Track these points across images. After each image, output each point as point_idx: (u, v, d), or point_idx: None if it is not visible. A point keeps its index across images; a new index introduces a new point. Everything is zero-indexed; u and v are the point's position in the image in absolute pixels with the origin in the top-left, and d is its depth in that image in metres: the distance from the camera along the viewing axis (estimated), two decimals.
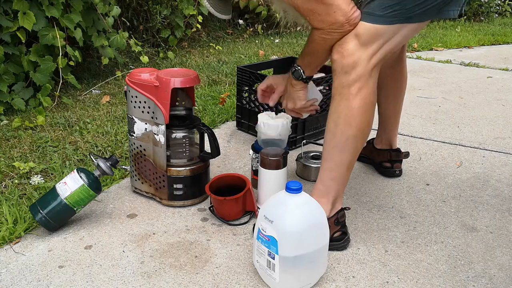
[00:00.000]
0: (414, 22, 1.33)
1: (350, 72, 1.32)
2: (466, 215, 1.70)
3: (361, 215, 1.67)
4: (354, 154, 1.41)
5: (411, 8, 1.29)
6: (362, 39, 1.31)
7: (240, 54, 3.95)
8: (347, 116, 1.35)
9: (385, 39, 1.33)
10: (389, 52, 1.37)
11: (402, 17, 1.31)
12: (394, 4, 1.28)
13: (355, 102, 1.34)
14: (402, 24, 1.32)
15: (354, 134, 1.37)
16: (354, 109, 1.35)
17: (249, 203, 1.63)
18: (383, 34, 1.32)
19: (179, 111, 1.75)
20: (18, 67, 2.45)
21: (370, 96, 1.36)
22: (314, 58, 1.44)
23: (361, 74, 1.33)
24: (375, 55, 1.33)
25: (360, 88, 1.34)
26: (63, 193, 1.50)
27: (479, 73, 3.74)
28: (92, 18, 2.78)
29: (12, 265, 1.38)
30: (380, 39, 1.32)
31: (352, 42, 1.32)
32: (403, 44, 1.60)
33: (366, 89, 1.35)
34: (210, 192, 1.59)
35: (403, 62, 1.82)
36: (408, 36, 1.39)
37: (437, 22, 6.09)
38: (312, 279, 1.31)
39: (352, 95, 1.34)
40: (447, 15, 1.35)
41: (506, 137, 2.42)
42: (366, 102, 1.35)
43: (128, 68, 3.38)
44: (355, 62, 1.32)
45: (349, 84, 1.33)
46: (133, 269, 1.37)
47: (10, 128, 2.28)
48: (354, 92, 1.33)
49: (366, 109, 1.36)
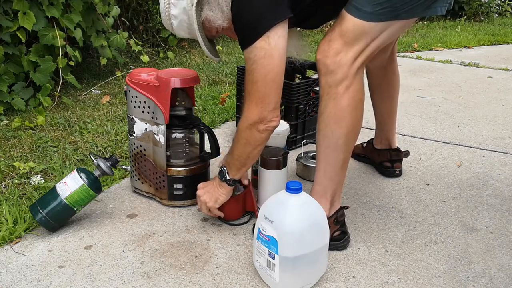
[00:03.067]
0: (402, 19, 1.32)
1: (336, 71, 1.31)
2: (466, 215, 1.70)
3: (361, 215, 1.67)
4: (347, 152, 1.40)
5: (399, 5, 1.27)
6: (347, 37, 1.29)
7: (240, 54, 3.96)
8: (336, 115, 1.34)
9: (372, 37, 1.31)
10: (376, 49, 1.35)
11: (391, 15, 1.29)
12: (384, 1, 1.26)
13: (343, 101, 1.33)
14: (389, 21, 1.30)
15: (345, 133, 1.36)
16: (342, 108, 1.34)
17: (249, 203, 1.62)
18: (370, 31, 1.30)
19: (179, 111, 1.75)
20: (18, 67, 2.45)
21: (359, 94, 1.35)
22: (235, 157, 1.43)
23: (347, 73, 1.31)
24: (361, 54, 1.31)
25: (348, 86, 1.32)
26: (63, 193, 1.50)
27: (479, 73, 3.74)
28: (92, 18, 2.78)
29: (12, 265, 1.38)
30: (366, 37, 1.30)
31: (338, 41, 1.30)
32: (390, 41, 1.58)
33: (354, 87, 1.33)
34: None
35: (394, 62, 1.81)
36: (395, 34, 1.38)
37: (437, 22, 6.10)
38: (312, 279, 1.31)
39: (339, 94, 1.32)
40: (435, 11, 1.34)
41: (506, 137, 2.42)
42: (354, 100, 1.34)
43: (128, 68, 3.38)
44: (340, 61, 1.30)
45: (336, 84, 1.31)
46: (133, 269, 1.37)
47: (10, 128, 2.28)
48: (342, 91, 1.32)
49: (355, 106, 1.35)
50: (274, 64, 1.28)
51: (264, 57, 1.27)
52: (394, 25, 1.32)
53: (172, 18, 1.38)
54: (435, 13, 1.34)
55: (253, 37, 1.27)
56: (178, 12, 1.36)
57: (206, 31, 1.40)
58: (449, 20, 6.32)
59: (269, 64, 1.28)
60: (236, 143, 1.41)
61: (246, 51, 1.30)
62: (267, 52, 1.27)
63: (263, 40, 1.26)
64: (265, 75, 1.28)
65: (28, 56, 2.45)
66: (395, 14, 1.29)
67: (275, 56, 1.28)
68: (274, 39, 1.26)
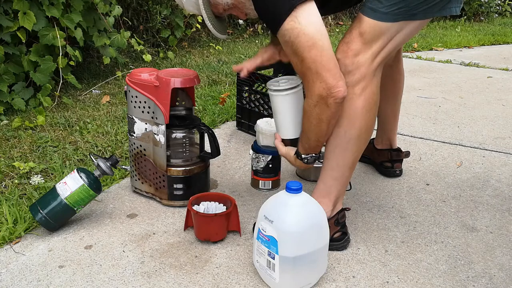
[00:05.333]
0: (418, 19, 1.33)
1: (354, 71, 1.31)
2: (466, 215, 1.70)
3: (361, 215, 1.67)
4: (357, 154, 1.41)
5: (415, 5, 1.29)
6: (366, 37, 1.31)
7: (240, 54, 3.96)
8: (350, 116, 1.35)
9: (389, 37, 1.32)
10: (393, 50, 1.36)
11: (407, 14, 1.30)
12: (399, 2, 1.28)
13: (359, 102, 1.34)
14: (406, 21, 1.32)
15: (357, 134, 1.37)
16: (358, 109, 1.34)
17: (233, 222, 1.52)
18: (387, 31, 1.31)
19: (179, 111, 1.75)
20: (18, 67, 2.45)
21: (374, 96, 1.36)
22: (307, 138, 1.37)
23: (365, 73, 1.32)
24: (379, 54, 1.33)
25: (364, 88, 1.33)
26: (63, 193, 1.50)
27: (479, 73, 3.74)
28: (93, 18, 2.78)
29: (12, 265, 1.38)
30: (384, 37, 1.32)
31: (357, 41, 1.31)
32: (406, 41, 1.60)
33: (370, 89, 1.34)
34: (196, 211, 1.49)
35: (400, 61, 1.82)
36: (411, 34, 1.38)
37: (437, 22, 6.10)
38: (312, 279, 1.31)
39: (356, 95, 1.33)
40: (450, 11, 1.36)
41: (506, 137, 2.42)
42: (369, 102, 1.35)
43: (128, 68, 3.38)
44: (359, 62, 1.31)
45: (353, 84, 1.32)
46: (133, 269, 1.37)
47: (10, 128, 2.28)
48: (358, 92, 1.33)
49: (369, 109, 1.36)
50: (314, 39, 1.22)
51: (299, 36, 1.22)
52: (410, 25, 1.33)
53: None
54: (450, 13, 1.36)
55: (279, 20, 1.23)
56: None
57: (212, 7, 1.38)
58: (449, 20, 6.32)
59: (308, 41, 1.22)
60: (309, 125, 1.34)
61: (279, 36, 1.26)
62: (300, 30, 1.22)
63: (291, 21, 1.22)
64: (309, 51, 1.23)
65: (28, 56, 2.45)
66: (411, 14, 1.30)
67: (311, 31, 1.22)
68: (304, 17, 1.22)
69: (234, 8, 1.39)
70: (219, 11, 1.40)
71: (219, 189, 1.82)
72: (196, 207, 1.54)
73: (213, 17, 1.40)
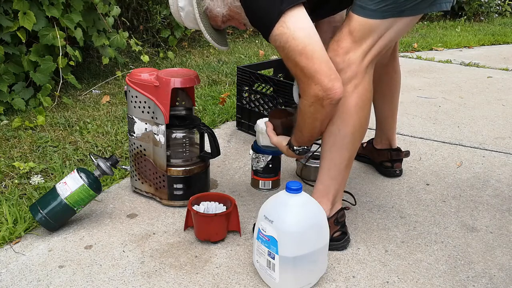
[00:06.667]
0: (407, 16, 1.32)
1: (346, 69, 1.31)
2: (466, 215, 1.70)
3: (361, 215, 1.67)
4: (353, 151, 1.41)
5: (403, 1, 1.28)
6: (356, 35, 1.31)
7: (240, 54, 3.96)
8: (343, 114, 1.35)
9: (378, 34, 1.32)
10: (384, 47, 1.36)
11: (395, 11, 1.30)
12: None
13: (352, 100, 1.34)
14: (395, 18, 1.31)
15: (351, 132, 1.37)
16: (350, 107, 1.34)
17: (233, 222, 1.52)
18: (376, 29, 1.31)
19: (179, 111, 1.75)
20: (18, 67, 2.45)
21: (367, 93, 1.36)
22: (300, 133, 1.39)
23: (356, 71, 1.32)
24: (369, 51, 1.33)
25: (356, 85, 1.33)
26: (63, 193, 1.50)
27: (479, 73, 3.74)
28: (93, 18, 2.78)
29: (12, 265, 1.38)
30: (374, 35, 1.31)
31: (347, 39, 1.31)
32: (397, 39, 1.59)
33: (362, 86, 1.34)
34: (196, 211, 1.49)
35: (396, 60, 1.82)
36: (402, 31, 1.38)
37: (437, 22, 6.10)
38: (312, 279, 1.31)
39: (348, 92, 1.33)
40: (440, 7, 1.35)
41: (506, 137, 2.42)
42: (362, 100, 1.35)
43: (128, 68, 3.38)
44: (350, 60, 1.31)
45: (345, 82, 1.31)
46: (133, 269, 1.37)
47: (10, 128, 2.28)
48: (350, 90, 1.33)
49: (362, 106, 1.36)
50: (304, 43, 1.22)
51: (288, 41, 1.23)
52: (399, 22, 1.33)
53: (180, 10, 1.39)
54: (440, 8, 1.35)
55: (269, 26, 1.24)
56: (184, 4, 1.38)
57: (211, 20, 1.40)
58: (449, 20, 6.32)
59: (298, 45, 1.23)
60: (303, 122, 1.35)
61: (271, 41, 1.27)
62: (290, 35, 1.23)
63: (280, 26, 1.23)
64: (299, 55, 1.23)
65: (28, 56, 2.45)
66: (399, 11, 1.30)
67: (301, 36, 1.23)
68: (292, 22, 1.22)
69: (231, 20, 1.40)
70: (217, 23, 1.41)
71: (219, 189, 1.83)
72: (196, 207, 1.54)
73: (212, 30, 1.41)
